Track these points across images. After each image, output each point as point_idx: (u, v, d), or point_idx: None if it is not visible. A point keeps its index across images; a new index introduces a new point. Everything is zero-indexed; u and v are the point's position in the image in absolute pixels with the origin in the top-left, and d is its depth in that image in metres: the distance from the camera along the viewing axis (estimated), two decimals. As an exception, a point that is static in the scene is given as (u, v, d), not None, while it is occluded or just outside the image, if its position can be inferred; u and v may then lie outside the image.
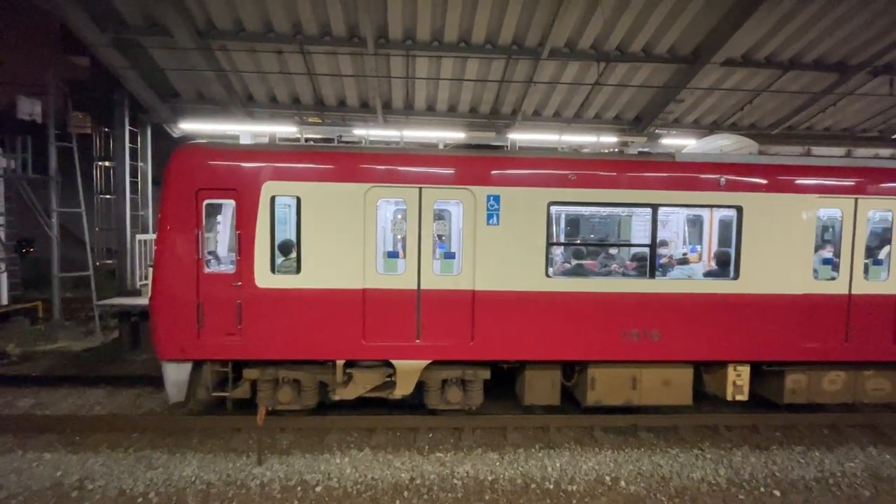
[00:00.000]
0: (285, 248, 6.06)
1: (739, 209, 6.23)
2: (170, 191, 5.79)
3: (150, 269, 6.43)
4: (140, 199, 12.15)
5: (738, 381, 6.49)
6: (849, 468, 5.70)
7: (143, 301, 9.79)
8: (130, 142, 11.51)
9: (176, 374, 5.94)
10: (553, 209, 6.12)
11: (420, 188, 5.97)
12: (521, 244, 6.03)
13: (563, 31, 9.68)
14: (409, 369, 6.10)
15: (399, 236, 6.51)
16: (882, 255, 6.62)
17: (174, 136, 12.37)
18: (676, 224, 8.25)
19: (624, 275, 6.72)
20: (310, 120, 12.13)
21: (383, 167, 5.94)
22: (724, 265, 6.52)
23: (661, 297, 6.20)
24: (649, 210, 6.24)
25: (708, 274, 6.74)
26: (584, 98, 11.76)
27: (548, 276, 6.09)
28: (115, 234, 11.54)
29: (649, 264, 6.27)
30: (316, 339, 5.91)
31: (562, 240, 7.65)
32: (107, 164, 12.70)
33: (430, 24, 9.59)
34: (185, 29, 9.07)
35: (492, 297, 6.01)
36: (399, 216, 6.47)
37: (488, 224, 5.97)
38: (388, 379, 6.22)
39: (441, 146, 12.21)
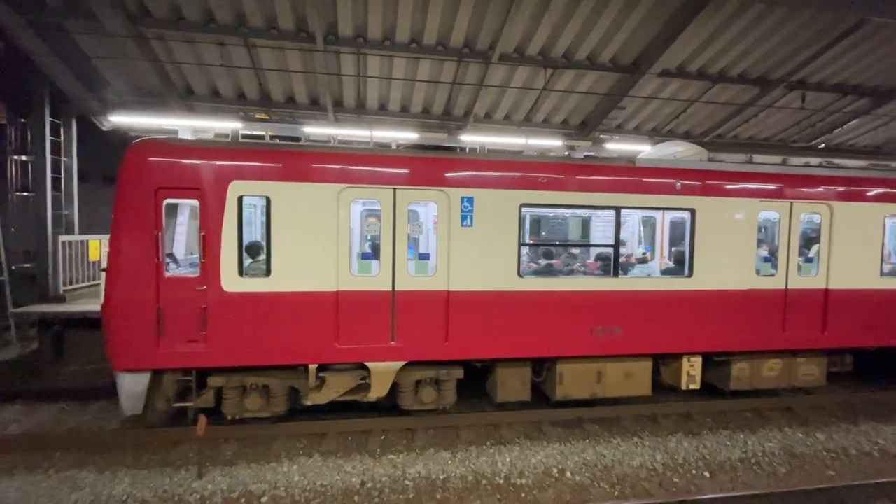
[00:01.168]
0: (253, 250, 5.84)
1: (693, 211, 6.66)
2: (126, 189, 5.39)
3: (103, 273, 5.68)
4: (64, 196, 11.15)
5: (691, 372, 6.96)
6: (768, 448, 6.25)
7: (69, 308, 9.02)
8: (53, 134, 10.54)
9: (132, 386, 5.54)
10: (524, 210, 6.26)
11: (394, 189, 5.91)
12: (495, 245, 6.12)
13: (512, 37, 9.93)
14: (384, 371, 6.04)
15: (373, 238, 6.38)
16: (812, 253, 7.32)
17: (103, 129, 11.49)
18: (632, 225, 8.66)
19: (590, 274, 6.96)
20: (256, 116, 11.66)
21: (357, 168, 5.82)
22: (680, 264, 6.96)
23: (625, 294, 6.52)
24: (613, 212, 6.54)
25: (665, 272, 7.14)
26: (532, 102, 12.12)
27: (520, 275, 6.23)
28: (34, 235, 10.52)
29: (613, 264, 6.56)
30: (287, 343, 5.71)
31: (533, 241, 7.77)
32: (24, 158, 11.57)
33: (382, 24, 9.53)
34: (114, 14, 8.44)
35: (466, 297, 6.06)
36: (373, 218, 6.39)
37: (462, 225, 6.03)
38: (363, 381, 6.13)
39: (394, 146, 12.17)
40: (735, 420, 7.10)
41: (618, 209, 6.50)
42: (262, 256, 5.76)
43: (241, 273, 5.59)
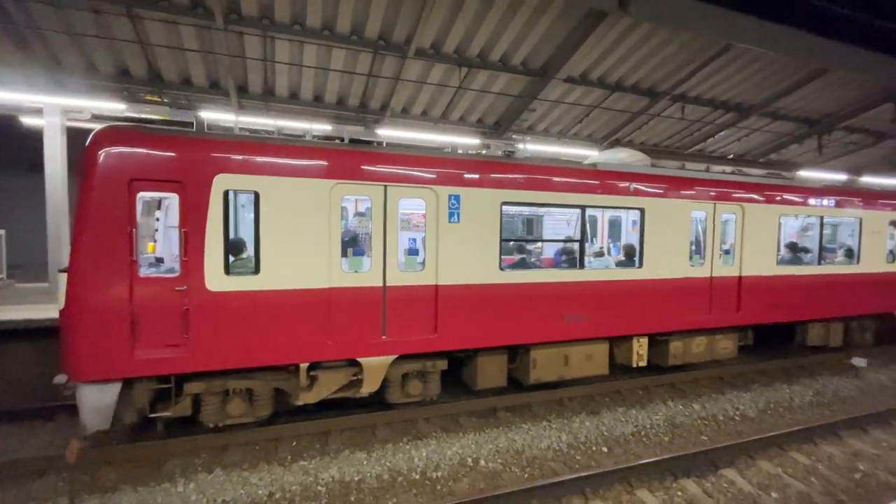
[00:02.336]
0: (240, 247, 5.58)
1: (642, 210, 7.51)
2: (93, 180, 4.83)
3: (62, 275, 4.93)
4: None
5: (640, 351, 7.86)
6: (655, 420, 7.00)
7: None
8: None
9: (99, 398, 4.97)
10: (505, 208, 6.62)
11: (385, 186, 5.97)
12: (479, 240, 6.44)
13: (428, 33, 9.94)
14: (376, 366, 6.06)
15: (364, 234, 6.39)
16: (728, 246, 8.68)
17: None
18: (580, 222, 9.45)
19: (561, 266, 7.49)
20: (147, 97, 10.41)
21: (350, 164, 5.78)
22: (631, 256, 7.76)
23: (589, 284, 7.18)
24: (579, 210, 7.18)
25: (619, 264, 7.85)
26: (449, 100, 12.27)
27: (501, 269, 6.61)
28: None
29: (579, 257, 7.22)
30: (277, 343, 5.51)
31: (512, 236, 8.17)
32: None
33: (290, 6, 8.98)
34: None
35: (453, 290, 6.30)
36: (364, 214, 6.32)
37: (450, 222, 6.26)
38: (354, 378, 6.09)
39: (307, 136, 11.59)
40: (629, 398, 7.86)
41: (583, 208, 7.17)
42: (247, 254, 5.54)
43: (227, 271, 5.28)
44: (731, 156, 17.50)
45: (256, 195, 5.38)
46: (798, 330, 9.82)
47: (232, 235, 5.41)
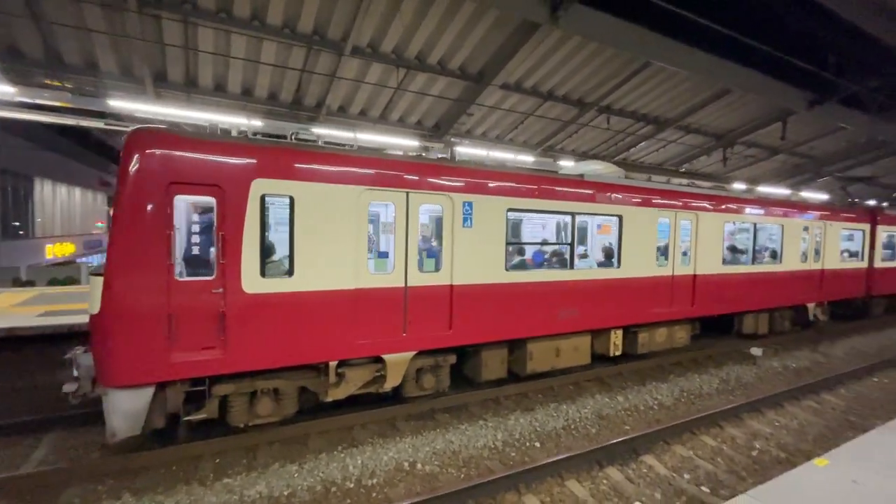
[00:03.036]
0: (274, 250, 5.66)
1: (621, 217, 8.38)
2: (134, 182, 4.78)
3: (96, 279, 4.80)
4: None
5: (616, 342, 8.74)
6: (584, 413, 7.36)
7: None
8: None
9: (132, 403, 4.90)
10: (509, 214, 7.19)
11: (407, 193, 6.31)
12: (488, 243, 6.96)
13: (365, 31, 9.78)
14: (398, 362, 6.37)
15: (387, 237, 6.65)
16: (685, 248, 9.66)
17: None
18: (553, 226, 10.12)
19: (556, 267, 8.10)
20: (46, 82, 9.25)
21: (377, 171, 6.06)
22: (610, 258, 8.57)
23: (578, 282, 7.91)
24: (570, 216, 7.91)
25: (601, 264, 8.57)
26: (388, 100, 12.16)
27: (506, 269, 7.15)
28: None
29: (570, 258, 7.94)
30: (309, 342, 5.69)
31: (516, 240, 8.74)
32: None
33: (215, -8, 8.44)
34: None
35: (465, 289, 6.76)
36: (388, 218, 6.67)
37: (464, 226, 6.72)
38: (378, 374, 6.36)
39: (234, 132, 10.93)
40: (561, 393, 8.20)
41: (573, 214, 7.92)
42: (279, 256, 5.65)
43: (262, 274, 5.37)
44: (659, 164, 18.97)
45: (292, 199, 5.53)
46: (735, 320, 11.28)
47: (268, 239, 5.53)
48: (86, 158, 32.48)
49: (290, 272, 5.55)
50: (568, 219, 8.06)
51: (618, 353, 8.80)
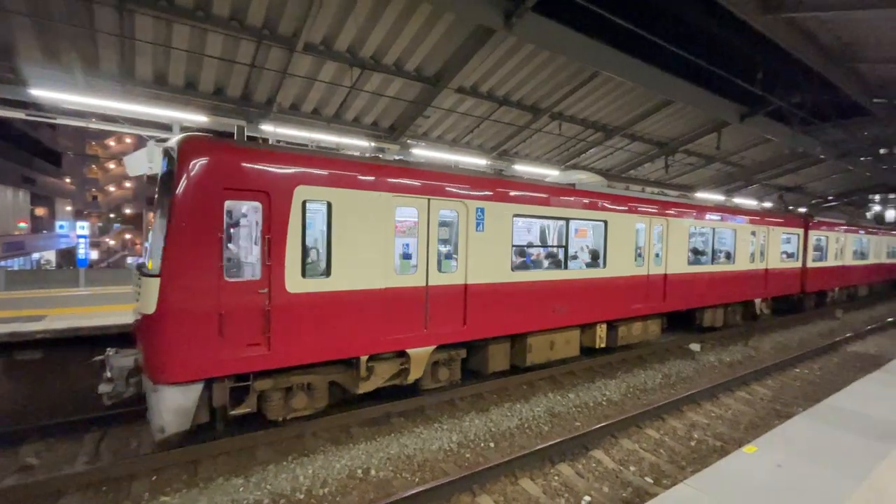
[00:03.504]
0: (314, 251, 6.08)
1: (606, 222, 9.42)
2: (191, 187, 5.06)
3: (149, 280, 4.99)
4: None
5: (601, 335, 9.74)
6: (536, 412, 7.53)
7: None
8: None
9: (182, 399, 5.15)
10: (515, 219, 7.96)
11: (429, 199, 6.92)
12: (497, 246, 7.69)
13: (318, 28, 9.54)
14: (421, 356, 6.92)
15: (412, 240, 7.12)
16: (657, 250, 10.80)
17: None
18: (549, 230, 10.76)
19: (552, 267, 8.97)
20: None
21: (404, 180, 6.64)
22: (597, 259, 9.53)
23: (570, 281, 8.80)
24: (564, 221, 8.80)
25: (589, 265, 9.49)
26: (342, 100, 11.91)
27: (512, 270, 7.94)
28: None
29: (563, 259, 8.83)
30: (345, 338, 6.12)
31: (520, 242, 9.36)
32: None
33: (154, -22, 7.93)
34: None
35: (478, 288, 7.45)
36: (412, 222, 7.09)
37: (477, 231, 7.40)
38: (402, 367, 6.88)
39: (176, 129, 10.33)
40: (515, 393, 8.34)
41: (567, 220, 8.83)
42: (317, 257, 6.06)
43: (303, 274, 5.77)
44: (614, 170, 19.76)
45: (329, 205, 5.95)
46: (696, 315, 12.34)
47: (308, 242, 5.91)
48: (6, 153, 29.59)
49: (327, 273, 5.99)
50: (562, 223, 8.92)
51: (602, 345, 9.76)
